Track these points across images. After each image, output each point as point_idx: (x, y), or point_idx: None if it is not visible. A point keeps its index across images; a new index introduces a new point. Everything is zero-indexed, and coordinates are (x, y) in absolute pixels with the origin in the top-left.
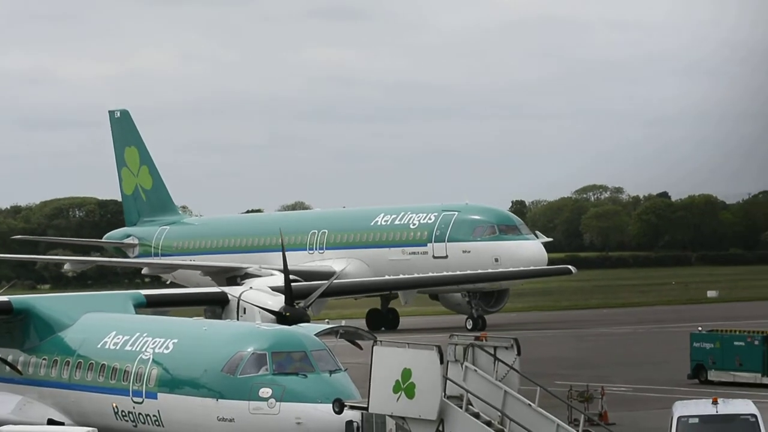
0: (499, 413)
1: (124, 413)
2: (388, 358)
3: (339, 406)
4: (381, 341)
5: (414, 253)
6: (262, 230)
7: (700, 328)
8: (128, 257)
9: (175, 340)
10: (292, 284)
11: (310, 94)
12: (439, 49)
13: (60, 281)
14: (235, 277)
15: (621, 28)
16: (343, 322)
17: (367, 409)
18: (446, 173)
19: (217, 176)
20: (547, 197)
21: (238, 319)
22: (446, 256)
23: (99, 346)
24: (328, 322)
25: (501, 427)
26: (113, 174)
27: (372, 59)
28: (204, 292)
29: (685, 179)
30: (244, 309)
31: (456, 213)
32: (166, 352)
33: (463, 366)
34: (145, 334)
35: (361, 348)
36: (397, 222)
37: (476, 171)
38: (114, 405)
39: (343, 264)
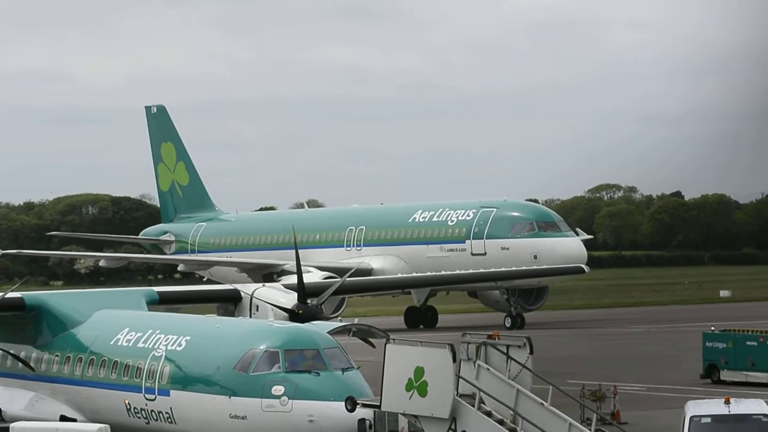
0: (512, 412)
1: (136, 410)
2: (401, 357)
3: (351, 404)
4: (394, 339)
5: (452, 250)
6: (299, 227)
7: (712, 328)
8: (165, 254)
9: (188, 338)
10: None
11: (322, 92)
12: (452, 48)
13: (73, 278)
14: (272, 274)
15: (636, 28)
16: (356, 320)
17: (379, 407)
18: (458, 172)
19: (230, 174)
20: (561, 196)
21: (250, 317)
22: (485, 254)
23: (111, 342)
24: (341, 320)
25: (513, 425)
26: (127, 171)
27: (386, 58)
28: (216, 290)
29: (698, 178)
30: (257, 306)
31: (495, 209)
32: (178, 349)
33: (476, 364)
34: (157, 331)
35: (373, 346)
36: (435, 218)
37: (489, 169)
38: (126, 402)
39: (380, 261)
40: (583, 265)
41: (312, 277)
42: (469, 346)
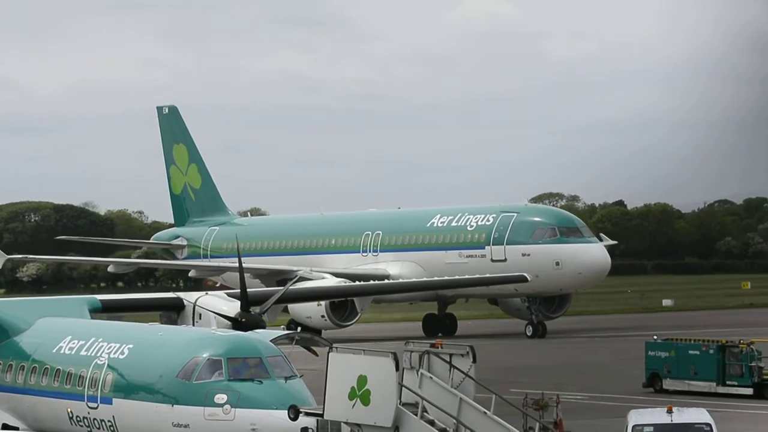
0: (455, 421)
1: (78, 418)
2: (344, 365)
3: (294, 413)
4: (336, 348)
5: (471, 256)
6: (314, 232)
7: (655, 337)
8: (176, 258)
9: (131, 346)
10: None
11: (267, 100)
12: (398, 58)
13: (15, 285)
14: (286, 280)
15: (580, 40)
16: (298, 329)
17: (322, 415)
18: (404, 181)
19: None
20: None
21: (193, 325)
22: (505, 260)
23: (54, 350)
24: (283, 329)
25: None
26: (70, 179)
27: (332, 67)
28: (159, 298)
29: (641, 188)
30: (200, 315)
31: (515, 214)
32: (121, 357)
33: (419, 373)
34: (100, 339)
35: (316, 354)
36: (454, 223)
37: (433, 178)
38: (69, 410)
39: (397, 267)
40: (525, 274)
41: (327, 283)
42: (411, 354)
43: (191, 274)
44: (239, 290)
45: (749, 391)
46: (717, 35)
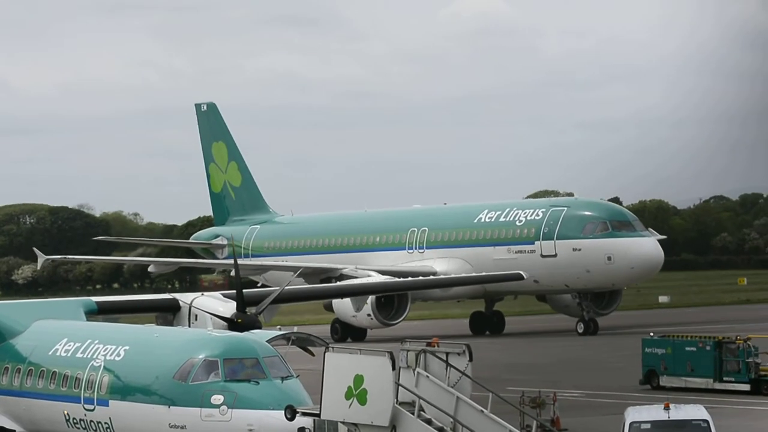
0: (452, 419)
1: (75, 420)
2: (340, 365)
3: (291, 413)
4: (333, 347)
5: (521, 251)
6: (359, 229)
7: (651, 334)
8: (216, 258)
9: (127, 347)
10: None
11: (262, 100)
12: (391, 56)
13: (10, 288)
14: (330, 278)
15: (573, 37)
16: (295, 329)
17: (319, 415)
18: (399, 179)
19: (166, 183)
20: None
21: (189, 326)
22: (555, 255)
23: (50, 353)
24: (280, 329)
25: None
26: (65, 181)
27: (325, 66)
28: (155, 299)
29: (637, 184)
30: (196, 316)
31: (565, 209)
32: (117, 359)
33: (415, 372)
34: (96, 341)
35: (313, 354)
36: (502, 219)
37: (428, 177)
38: (65, 412)
39: (444, 264)
40: (521, 272)
41: (372, 281)
42: (408, 353)
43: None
44: (235, 291)
45: (746, 387)
46: (711, 31)
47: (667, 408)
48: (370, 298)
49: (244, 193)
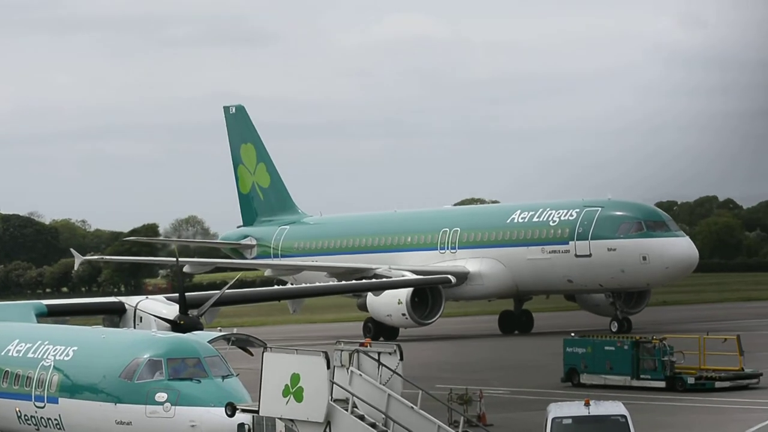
0: (383, 415)
1: (26, 417)
2: (278, 364)
3: (231, 410)
4: (271, 348)
5: (555, 251)
6: (389, 229)
7: (573, 334)
8: (245, 258)
9: (75, 348)
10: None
11: (202, 113)
12: (330, 71)
13: None
14: (363, 278)
15: (501, 47)
16: (235, 330)
17: (257, 412)
18: (339, 189)
19: (113, 192)
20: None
21: (134, 328)
22: (590, 255)
23: (2, 353)
24: (220, 330)
25: (385, 428)
26: (16, 190)
27: (267, 83)
28: (102, 302)
29: (560, 192)
30: (141, 318)
31: (599, 209)
32: (66, 359)
33: (349, 371)
34: (46, 342)
35: (251, 354)
36: (535, 219)
37: (368, 184)
38: (17, 410)
39: (476, 264)
40: (449, 276)
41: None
42: (342, 353)
43: (267, 273)
44: (178, 294)
45: (662, 384)
46: (633, 49)
47: (587, 404)
48: (406, 298)
49: (272, 194)
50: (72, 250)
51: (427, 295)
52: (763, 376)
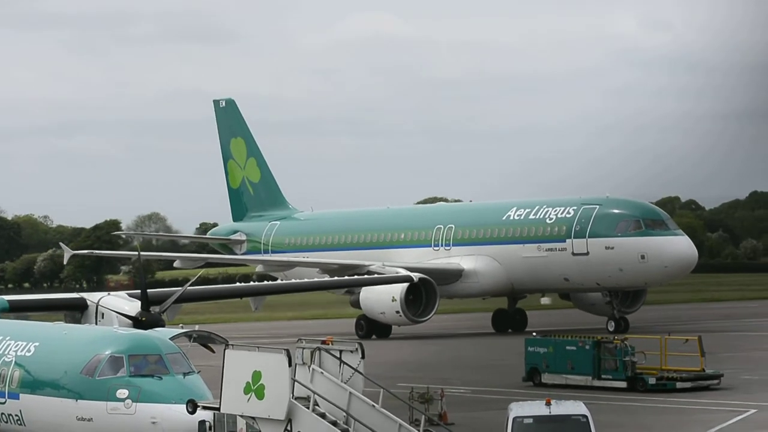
0: (344, 413)
1: None
2: (239, 361)
3: (192, 407)
4: (232, 345)
5: (551, 249)
6: (383, 225)
7: (534, 333)
8: (235, 254)
9: (37, 344)
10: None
11: (167, 110)
12: (292, 69)
13: None
14: (357, 275)
15: (464, 47)
16: (196, 327)
17: (219, 409)
18: (298, 187)
19: (74, 188)
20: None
21: (96, 324)
22: (587, 253)
23: None
24: (182, 327)
25: (346, 426)
26: None
27: (229, 81)
28: (64, 298)
29: (523, 191)
30: (102, 314)
31: (597, 206)
32: (27, 354)
33: (310, 368)
34: (8, 338)
35: (213, 351)
36: (531, 216)
37: (327, 184)
38: None
39: (471, 261)
40: (411, 274)
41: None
42: (303, 351)
43: (258, 269)
44: (140, 290)
45: (623, 384)
46: (597, 50)
47: (548, 404)
48: (400, 295)
49: (262, 189)
50: (62, 244)
51: (422, 292)
52: (724, 377)
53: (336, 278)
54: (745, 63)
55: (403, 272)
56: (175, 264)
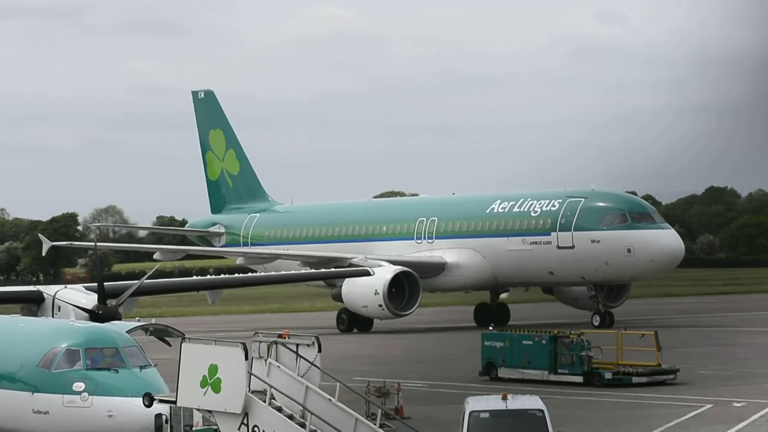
0: (301, 407)
1: None
2: (196, 355)
3: (149, 400)
4: (189, 338)
5: (536, 242)
6: (364, 218)
7: (491, 328)
8: (213, 246)
9: None
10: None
11: (122, 103)
12: (246, 61)
13: None
14: (339, 267)
15: (418, 43)
16: (153, 320)
17: (175, 402)
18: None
19: (31, 181)
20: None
21: (53, 317)
22: (572, 246)
23: None
24: (138, 320)
25: (302, 420)
26: None
27: (182, 71)
28: (20, 291)
29: (476, 185)
30: (59, 307)
31: (583, 199)
32: None
33: (267, 362)
34: None
35: (170, 345)
36: (516, 209)
37: (281, 175)
38: None
39: (454, 254)
40: (368, 269)
41: (385, 271)
42: (260, 344)
43: (239, 262)
44: (96, 283)
45: (579, 379)
46: (546, 41)
47: (504, 398)
48: (383, 288)
49: (241, 181)
50: (40, 235)
51: (404, 285)
52: (680, 372)
53: (296, 272)
54: (704, 59)
55: (388, 266)
56: (155, 256)
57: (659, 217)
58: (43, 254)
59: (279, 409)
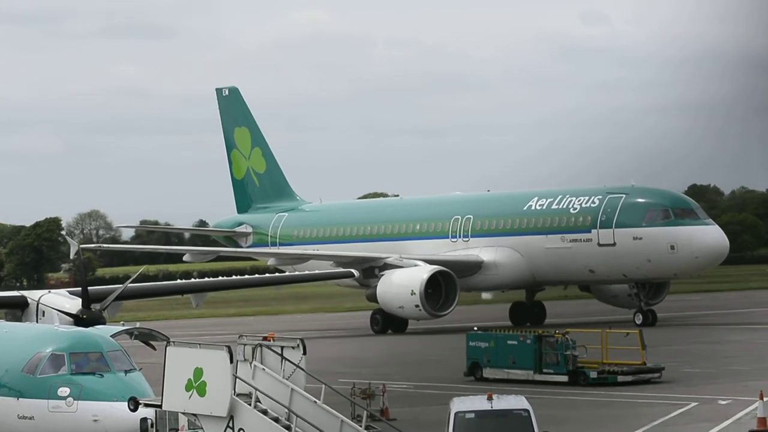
0: (286, 410)
1: None
2: (181, 358)
3: (134, 404)
4: (174, 342)
5: (576, 240)
6: (398, 217)
7: (476, 328)
8: (240, 247)
9: None
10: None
11: (105, 108)
12: (230, 64)
13: None
14: (373, 268)
15: (399, 46)
16: (137, 324)
17: (160, 406)
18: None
19: (13, 186)
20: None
21: (37, 322)
22: (614, 244)
23: None
24: (123, 324)
25: (288, 423)
26: None
27: (167, 76)
28: (4, 296)
29: (461, 188)
30: (43, 312)
31: (623, 196)
32: None
33: (252, 365)
34: None
35: (154, 348)
36: (554, 206)
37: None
38: None
39: (491, 253)
40: (352, 270)
41: (420, 271)
42: (245, 347)
43: (270, 263)
44: (80, 288)
45: (564, 378)
46: (528, 42)
47: (490, 398)
48: (419, 288)
49: (268, 180)
50: (68, 238)
51: (441, 285)
52: (665, 370)
53: (276, 275)
54: (684, 57)
55: (424, 265)
56: (185, 258)
57: (703, 213)
58: (71, 257)
59: (264, 412)
